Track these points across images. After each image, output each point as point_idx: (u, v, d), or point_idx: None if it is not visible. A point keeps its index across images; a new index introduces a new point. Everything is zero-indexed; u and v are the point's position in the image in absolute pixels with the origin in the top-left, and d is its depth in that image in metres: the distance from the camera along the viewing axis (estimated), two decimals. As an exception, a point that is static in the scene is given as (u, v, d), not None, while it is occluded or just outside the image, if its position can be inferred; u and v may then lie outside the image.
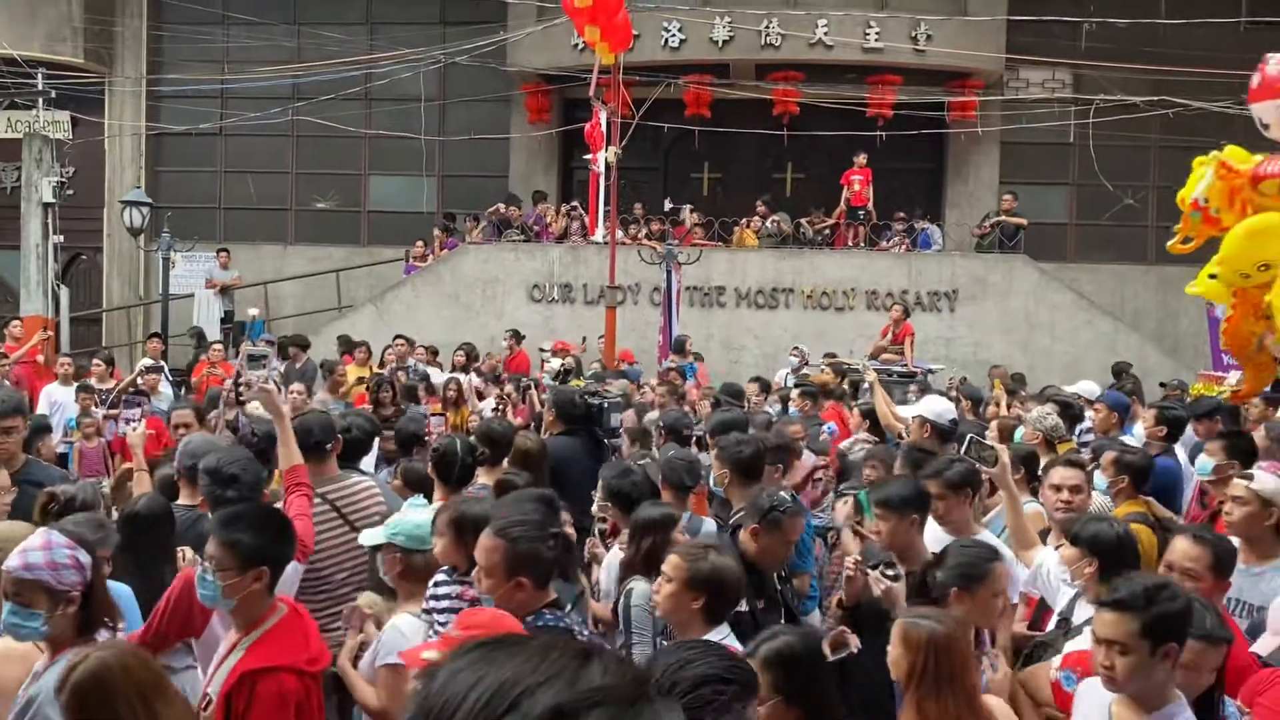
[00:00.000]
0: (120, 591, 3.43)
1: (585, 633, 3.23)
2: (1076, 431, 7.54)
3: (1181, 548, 3.59)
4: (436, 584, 3.61)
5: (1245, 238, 6.67)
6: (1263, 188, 6.67)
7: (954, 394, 9.54)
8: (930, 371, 12.73)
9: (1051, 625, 3.97)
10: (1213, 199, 6.91)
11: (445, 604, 3.53)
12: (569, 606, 3.38)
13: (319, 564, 4.34)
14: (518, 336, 13.81)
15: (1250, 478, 4.23)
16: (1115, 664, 2.79)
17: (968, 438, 4.39)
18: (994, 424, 7.66)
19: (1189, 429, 7.35)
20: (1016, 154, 17.89)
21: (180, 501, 4.57)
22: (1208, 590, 3.40)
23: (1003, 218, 15.88)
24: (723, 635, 3.16)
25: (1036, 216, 16.67)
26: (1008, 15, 16.64)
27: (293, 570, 3.61)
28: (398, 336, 13.27)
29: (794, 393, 9.10)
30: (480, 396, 10.56)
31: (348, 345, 12.71)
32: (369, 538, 3.95)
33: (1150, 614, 2.76)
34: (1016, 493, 4.10)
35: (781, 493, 3.96)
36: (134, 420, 5.14)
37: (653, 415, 8.72)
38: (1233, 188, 6.81)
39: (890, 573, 3.67)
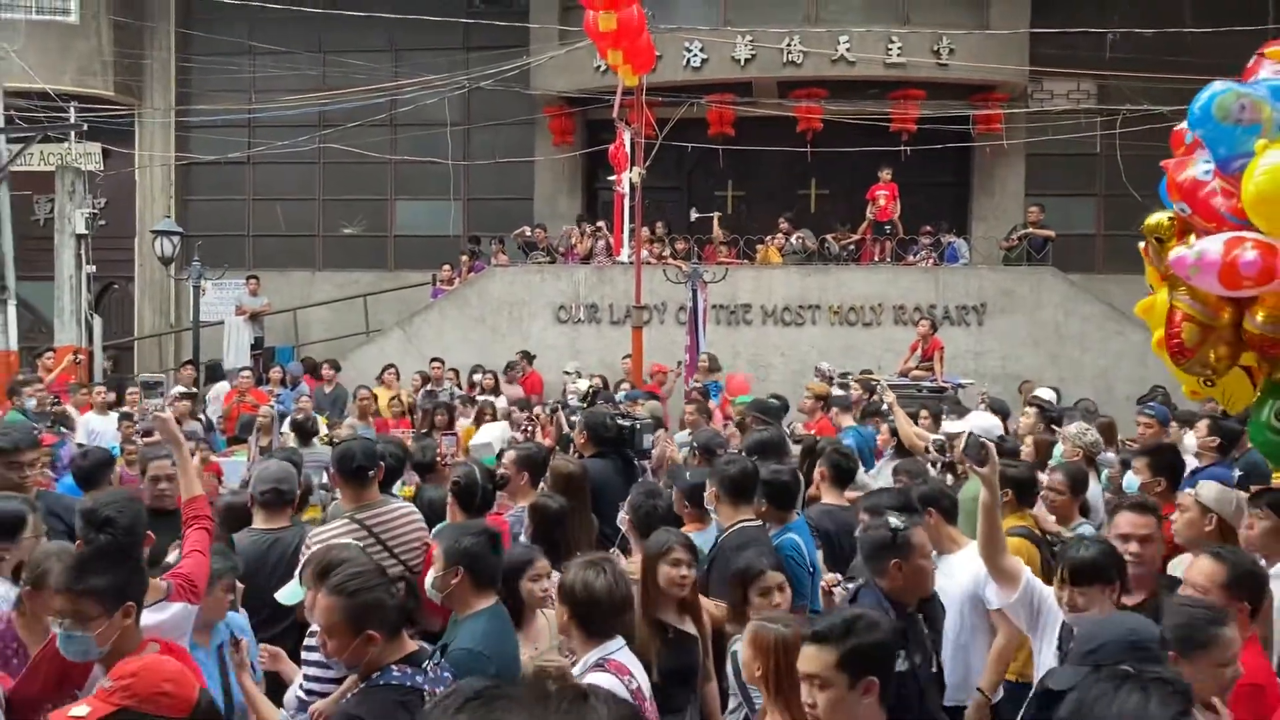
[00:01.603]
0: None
1: (439, 691, 2.92)
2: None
3: (1201, 565, 3.53)
4: (311, 634, 3.52)
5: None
6: None
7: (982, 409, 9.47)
8: (960, 386, 12.65)
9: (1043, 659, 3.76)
10: None
11: (316, 655, 3.41)
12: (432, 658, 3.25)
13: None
14: (529, 357, 13.90)
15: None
16: (816, 700, 2.68)
17: (967, 434, 4.22)
18: (1029, 439, 7.59)
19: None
20: (1042, 166, 17.79)
21: (255, 525, 4.66)
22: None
23: (1030, 230, 15.78)
24: (609, 651, 3.30)
25: (1064, 228, 16.55)
26: (1030, 27, 16.59)
27: (183, 612, 3.48)
28: (434, 360, 13.36)
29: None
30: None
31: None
32: (286, 595, 4.02)
33: (847, 646, 2.67)
34: (997, 491, 3.83)
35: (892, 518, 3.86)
36: (156, 408, 5.18)
37: (683, 436, 8.71)
38: None
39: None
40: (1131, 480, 5.50)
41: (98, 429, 10.09)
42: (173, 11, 19.17)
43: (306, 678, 3.53)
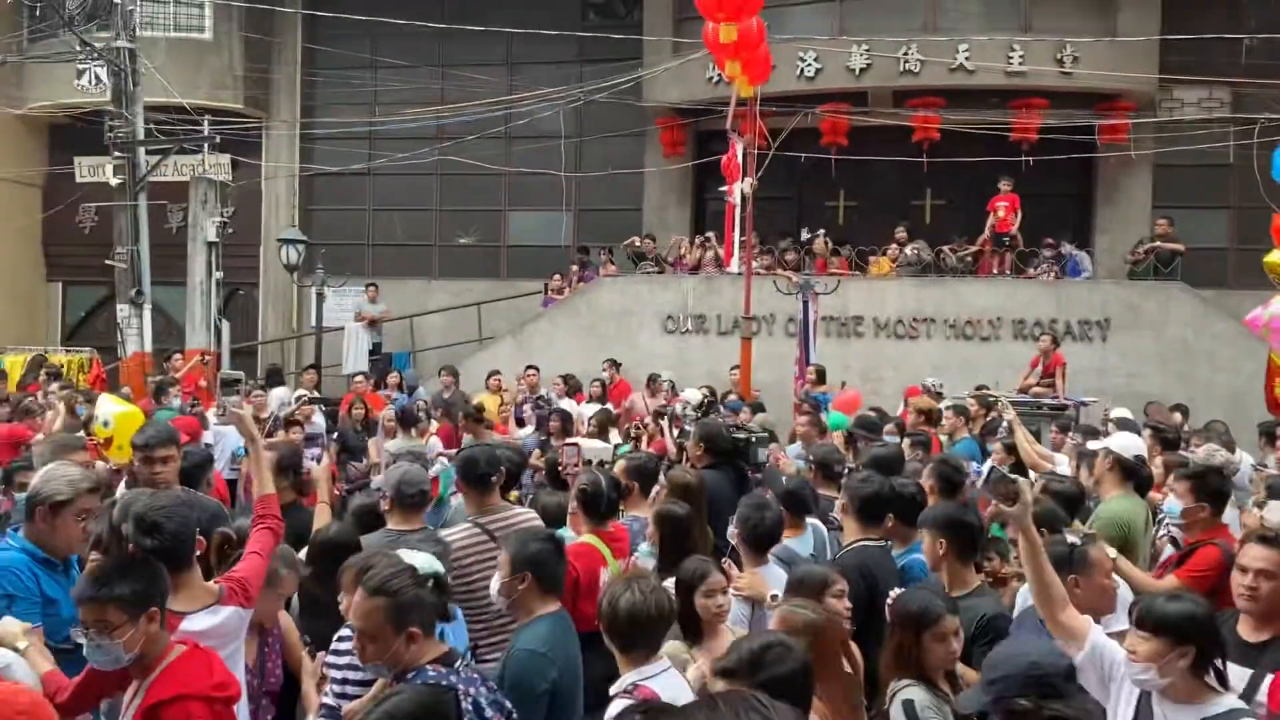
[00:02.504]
0: None
1: (473, 690, 2.97)
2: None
3: (1253, 551, 3.61)
4: (340, 639, 3.50)
5: None
6: None
7: (1107, 428, 9.15)
8: (1083, 404, 12.23)
9: None
10: None
11: (346, 660, 3.39)
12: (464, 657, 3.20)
13: (478, 594, 4.38)
14: (616, 365, 13.95)
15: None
16: None
17: (989, 468, 3.93)
18: (1158, 460, 7.30)
19: None
20: (1171, 177, 17.10)
21: (391, 526, 4.75)
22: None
23: (1158, 243, 15.19)
24: (644, 676, 3.22)
25: (1193, 242, 15.88)
26: (1161, 34, 16.00)
27: (235, 616, 3.49)
28: (529, 367, 13.53)
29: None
30: (520, 424, 10.65)
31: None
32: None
33: (758, 679, 2.58)
34: (1036, 538, 3.50)
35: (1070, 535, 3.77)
36: (315, 456, 5.33)
37: (794, 448, 8.62)
38: None
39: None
40: (1174, 504, 5.23)
41: (222, 430, 10.47)
42: (299, 28, 19.88)
43: (334, 681, 3.49)
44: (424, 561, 3.14)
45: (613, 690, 3.25)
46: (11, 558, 3.72)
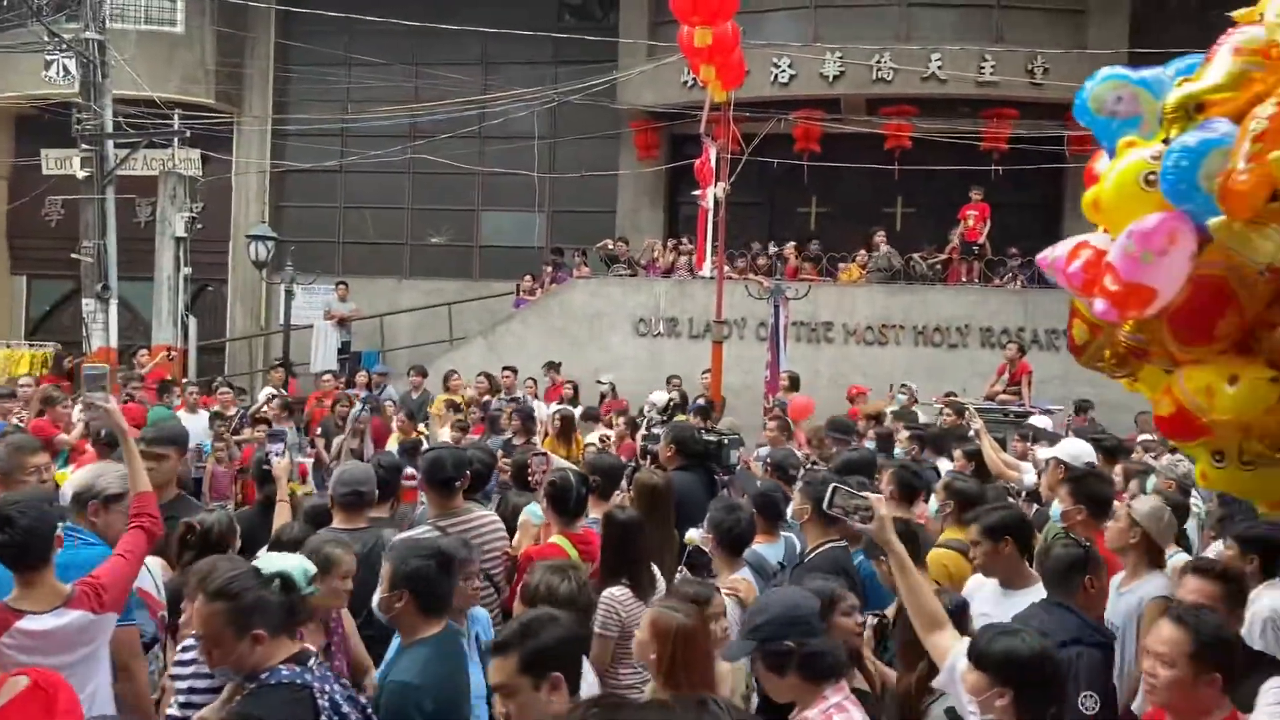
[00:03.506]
0: None
1: (329, 688, 2.91)
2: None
3: (1158, 631, 3.23)
4: (184, 648, 3.37)
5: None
6: None
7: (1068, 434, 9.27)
8: (1049, 411, 12.35)
9: None
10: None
11: (191, 669, 3.27)
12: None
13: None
14: (555, 367, 13.90)
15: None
16: (509, 710, 2.67)
17: (830, 488, 3.51)
18: (1118, 468, 7.39)
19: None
20: (1138, 188, 17.31)
21: (335, 525, 4.74)
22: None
23: (1124, 254, 15.37)
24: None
25: (1159, 253, 16.07)
26: (1129, 48, 16.20)
27: (80, 620, 3.33)
28: (505, 368, 13.49)
29: (902, 435, 8.89)
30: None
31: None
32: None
33: (526, 648, 2.64)
34: (904, 556, 3.34)
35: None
36: (277, 453, 5.30)
37: (763, 452, 8.66)
38: None
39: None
40: (1057, 508, 5.39)
41: (189, 427, 10.37)
42: (273, 23, 19.72)
43: (179, 691, 3.29)
44: (285, 563, 3.07)
45: None
46: (107, 553, 3.68)
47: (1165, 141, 3.17)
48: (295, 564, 3.11)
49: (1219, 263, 3.09)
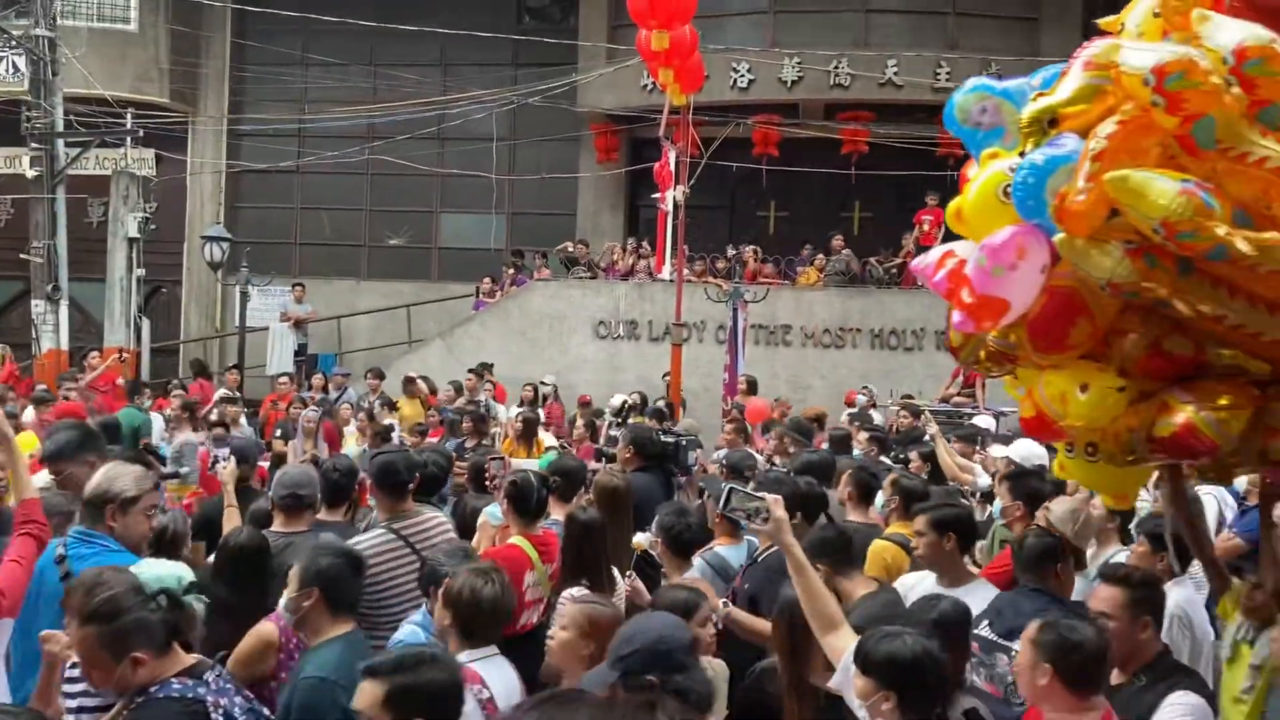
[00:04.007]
0: None
1: (225, 701, 2.83)
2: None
3: (1098, 591, 3.52)
4: (72, 665, 3.21)
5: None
6: None
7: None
8: (1002, 414, 12.50)
9: None
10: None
11: (79, 687, 3.08)
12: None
13: (388, 598, 4.37)
14: (488, 369, 13.79)
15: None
16: None
17: (726, 489, 3.50)
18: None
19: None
20: (1089, 194, 17.61)
21: (274, 528, 4.70)
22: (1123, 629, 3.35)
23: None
24: (472, 658, 3.29)
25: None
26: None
27: None
28: (470, 371, 13.44)
29: (861, 436, 8.98)
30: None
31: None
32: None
33: (396, 682, 2.55)
34: (802, 559, 3.32)
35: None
36: (224, 458, 5.25)
37: (720, 453, 8.70)
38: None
39: None
40: (998, 504, 5.55)
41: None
42: (229, 22, 19.50)
43: (69, 711, 3.19)
44: (161, 570, 3.01)
45: None
46: (128, 559, 3.60)
47: (1022, 154, 3.23)
48: (170, 573, 3.03)
49: (1070, 273, 3.17)
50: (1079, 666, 2.94)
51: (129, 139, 16.01)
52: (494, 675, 3.35)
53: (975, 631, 3.69)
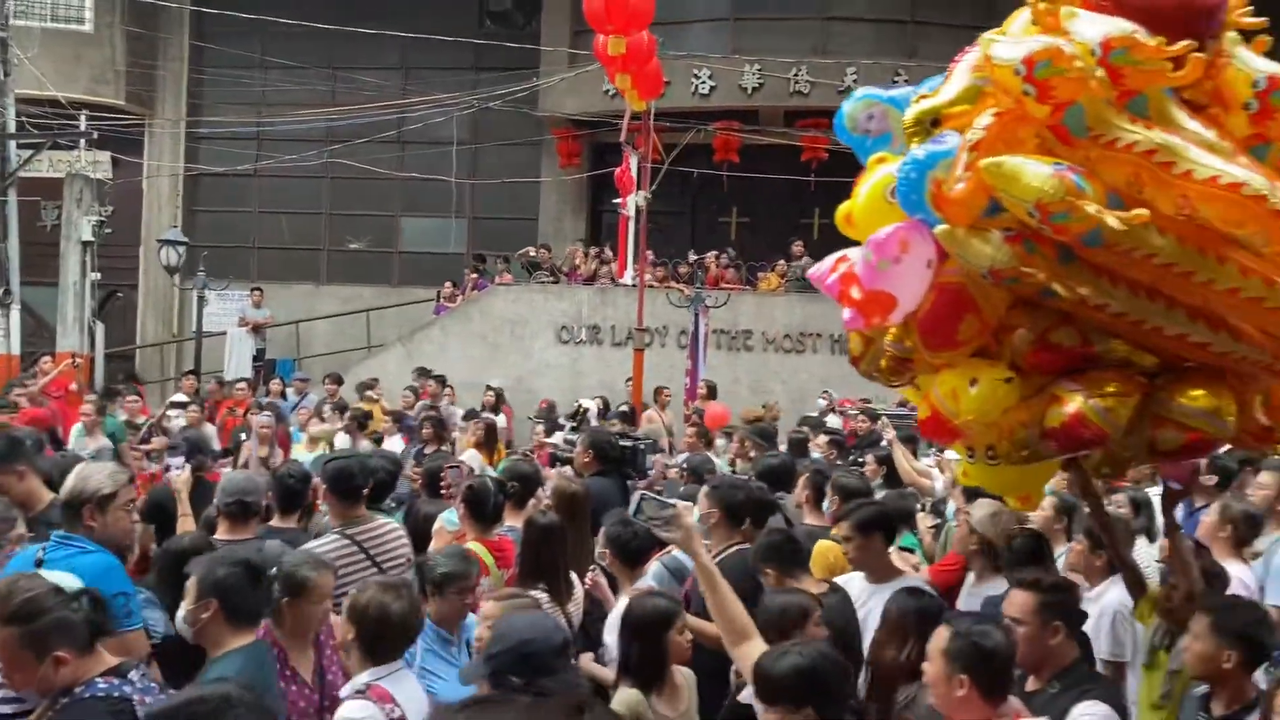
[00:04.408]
0: None
1: (150, 699, 2.80)
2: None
3: (1011, 597, 3.51)
4: None
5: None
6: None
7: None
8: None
9: None
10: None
11: (5, 692, 3.02)
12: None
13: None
14: (427, 374, 13.70)
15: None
16: None
17: (639, 496, 3.47)
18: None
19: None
20: (1046, 201, 17.84)
21: (219, 535, 4.63)
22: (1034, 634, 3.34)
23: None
24: (379, 676, 3.25)
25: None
26: (1037, 64, 16.72)
27: None
28: (434, 377, 13.33)
29: (821, 440, 9.03)
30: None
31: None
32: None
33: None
34: (710, 565, 3.32)
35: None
36: (177, 466, 5.18)
37: (681, 457, 8.73)
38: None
39: None
40: (952, 506, 5.71)
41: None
42: (186, 24, 19.30)
43: None
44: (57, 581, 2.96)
45: (345, 691, 3.30)
46: (104, 558, 3.59)
47: None
48: (63, 582, 2.98)
49: (958, 270, 3.22)
50: (996, 674, 2.90)
51: (83, 141, 15.78)
52: (403, 692, 3.29)
53: None
